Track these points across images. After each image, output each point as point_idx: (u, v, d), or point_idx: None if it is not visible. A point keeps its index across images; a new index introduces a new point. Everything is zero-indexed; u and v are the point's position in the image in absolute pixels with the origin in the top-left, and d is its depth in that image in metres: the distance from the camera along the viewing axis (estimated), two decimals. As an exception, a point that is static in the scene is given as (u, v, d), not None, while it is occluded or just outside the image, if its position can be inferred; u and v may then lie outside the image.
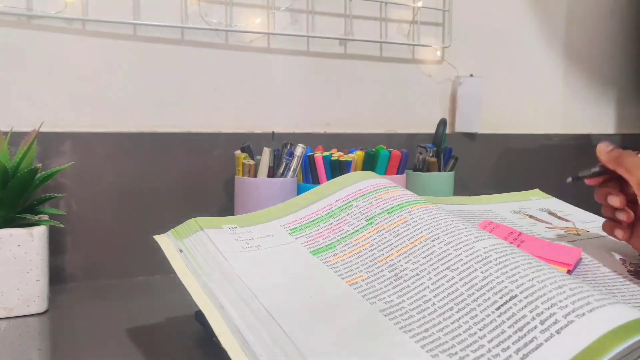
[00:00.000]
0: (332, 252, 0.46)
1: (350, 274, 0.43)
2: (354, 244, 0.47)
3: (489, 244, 0.41)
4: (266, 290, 0.40)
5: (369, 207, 0.51)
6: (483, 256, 0.40)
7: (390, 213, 0.49)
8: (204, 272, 0.43)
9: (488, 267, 0.39)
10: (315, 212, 0.52)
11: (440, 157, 0.83)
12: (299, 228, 0.50)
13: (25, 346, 0.49)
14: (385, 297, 0.39)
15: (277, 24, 0.82)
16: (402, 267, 0.42)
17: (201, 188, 0.76)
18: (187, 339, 0.51)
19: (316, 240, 0.48)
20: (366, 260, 0.44)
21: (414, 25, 0.92)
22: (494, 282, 0.37)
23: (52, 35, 0.70)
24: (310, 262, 0.45)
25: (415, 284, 0.40)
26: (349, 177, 0.56)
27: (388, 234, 0.46)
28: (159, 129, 0.75)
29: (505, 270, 0.38)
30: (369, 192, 0.53)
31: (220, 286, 0.41)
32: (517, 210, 0.62)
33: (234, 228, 0.50)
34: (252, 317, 0.37)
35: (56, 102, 0.70)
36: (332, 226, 0.50)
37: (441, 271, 0.40)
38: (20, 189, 0.57)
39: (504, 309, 0.35)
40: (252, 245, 0.47)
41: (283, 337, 0.35)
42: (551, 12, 1.06)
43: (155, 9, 0.74)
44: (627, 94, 1.16)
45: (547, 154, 1.05)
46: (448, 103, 0.97)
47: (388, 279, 0.41)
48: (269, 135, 0.78)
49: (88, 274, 0.70)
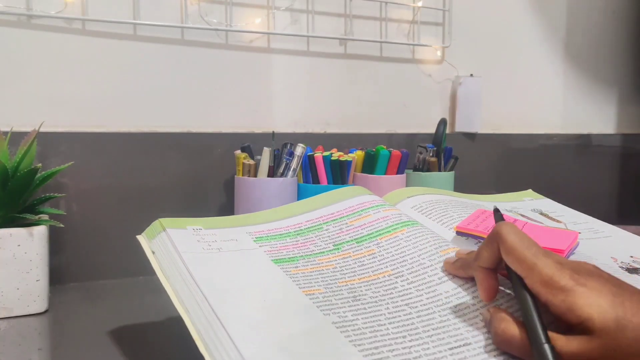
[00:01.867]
0: (293, 264, 0.46)
1: (309, 286, 0.42)
2: (317, 263, 0.46)
3: (451, 287, 0.41)
4: (218, 293, 0.40)
5: (339, 232, 0.50)
6: (444, 301, 0.40)
7: (359, 243, 0.48)
8: (170, 273, 0.43)
9: (447, 312, 0.39)
10: (284, 227, 0.52)
11: (441, 157, 0.83)
12: (265, 238, 0.50)
13: (25, 346, 0.49)
14: (339, 312, 0.39)
15: (277, 24, 0.82)
16: (362, 292, 0.42)
17: (201, 188, 0.76)
18: (187, 339, 0.51)
19: (280, 251, 0.48)
20: (327, 278, 0.44)
21: (414, 25, 0.92)
22: (450, 327, 0.37)
23: (52, 35, 0.70)
24: (269, 269, 0.45)
25: (373, 309, 0.40)
26: (322, 197, 0.56)
27: (353, 262, 0.46)
28: (159, 129, 0.75)
29: (464, 319, 0.38)
30: (340, 217, 0.52)
31: (180, 288, 0.41)
32: (510, 210, 0.63)
33: (197, 229, 0.49)
34: (203, 319, 0.37)
35: (56, 102, 0.70)
36: (298, 243, 0.49)
37: (400, 306, 0.40)
38: (20, 189, 0.57)
39: (457, 351, 0.35)
40: (214, 248, 0.47)
41: (228, 342, 0.35)
42: (551, 12, 1.06)
43: (155, 8, 0.74)
44: (627, 94, 1.16)
45: (547, 154, 1.05)
46: (448, 103, 0.97)
47: (346, 298, 0.41)
48: (269, 135, 0.78)
49: (88, 274, 0.70)
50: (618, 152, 1.12)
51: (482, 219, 0.53)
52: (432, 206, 0.57)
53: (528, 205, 0.66)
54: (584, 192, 1.08)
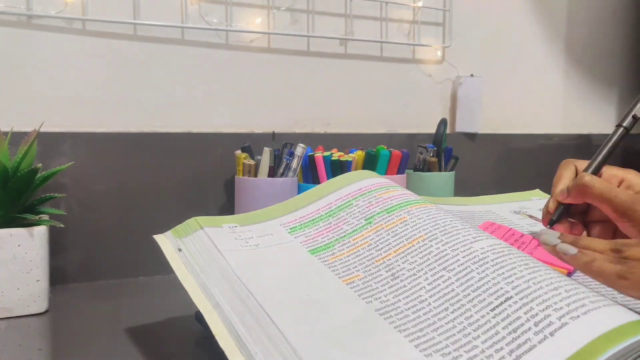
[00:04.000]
0: (330, 251, 0.46)
1: (348, 273, 0.43)
2: (352, 244, 0.47)
3: (486, 244, 0.41)
4: (262, 288, 0.41)
5: (369, 206, 0.51)
6: (480, 257, 0.40)
7: (390, 213, 0.49)
8: (203, 270, 0.43)
9: (484, 268, 0.39)
10: (315, 212, 0.52)
11: (441, 157, 0.83)
12: (299, 227, 0.50)
13: (26, 346, 0.49)
14: (381, 297, 0.39)
15: (277, 24, 0.82)
16: (400, 267, 0.42)
17: (201, 188, 0.76)
18: (187, 339, 0.51)
19: (315, 239, 0.48)
20: (364, 259, 0.44)
21: (414, 25, 0.92)
22: (489, 284, 0.37)
23: (52, 35, 0.70)
24: (308, 261, 0.45)
25: (412, 284, 0.40)
26: (349, 176, 0.56)
27: (386, 233, 0.46)
28: (159, 129, 0.75)
29: (501, 271, 0.38)
30: (369, 191, 0.53)
31: (217, 284, 0.41)
32: (518, 211, 0.62)
33: (233, 227, 0.50)
34: (247, 315, 0.38)
35: (56, 102, 0.70)
36: (331, 225, 0.50)
37: (438, 271, 0.40)
38: (21, 189, 0.57)
39: (499, 310, 0.35)
40: (251, 244, 0.47)
41: (277, 335, 0.35)
42: (551, 12, 1.06)
43: (155, 8, 0.74)
44: (628, 94, 1.16)
45: (548, 154, 1.05)
46: (448, 103, 0.97)
47: (385, 279, 0.41)
48: (269, 135, 0.78)
49: (88, 274, 0.70)
50: (618, 152, 1.12)
51: (490, 230, 0.53)
52: None
53: (536, 205, 0.66)
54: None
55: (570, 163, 0.51)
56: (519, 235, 0.53)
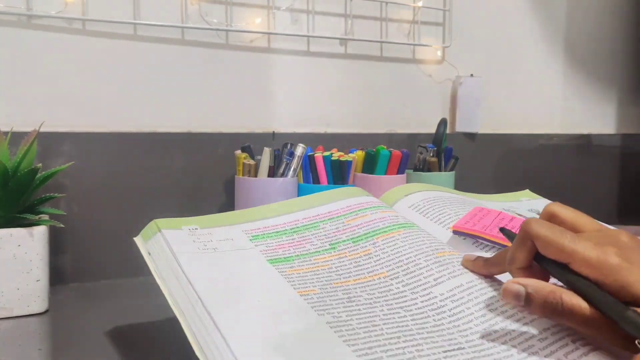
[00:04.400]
0: (289, 265, 0.45)
1: (304, 287, 0.42)
2: (313, 263, 0.46)
3: (447, 288, 0.41)
4: (212, 292, 0.40)
5: (335, 232, 0.50)
6: (438, 304, 0.40)
7: (355, 242, 0.48)
8: (166, 274, 0.43)
9: (441, 317, 0.39)
10: (281, 225, 0.51)
11: (441, 157, 0.83)
12: (261, 236, 0.50)
13: (26, 346, 0.49)
14: (334, 312, 0.39)
15: (278, 24, 0.82)
16: (357, 294, 0.42)
17: (201, 188, 0.76)
18: (187, 339, 0.51)
19: (276, 250, 0.47)
20: (322, 279, 0.44)
21: (414, 25, 0.92)
22: (444, 332, 0.37)
23: (52, 35, 0.70)
24: (264, 269, 0.45)
25: (367, 310, 0.40)
26: (321, 196, 0.55)
27: (349, 262, 0.46)
28: (159, 129, 0.75)
29: (457, 323, 0.38)
30: (337, 216, 0.52)
31: (175, 290, 0.41)
32: (507, 209, 0.63)
33: (194, 229, 0.49)
34: (197, 320, 0.37)
35: (56, 102, 0.70)
36: (294, 241, 0.49)
37: (394, 308, 0.40)
38: (21, 189, 0.57)
39: (451, 354, 0.35)
40: (209, 248, 0.46)
41: (222, 343, 0.35)
42: (551, 12, 1.06)
43: (155, 9, 0.74)
44: (628, 94, 1.16)
45: (548, 154, 1.05)
46: (448, 103, 0.97)
47: (340, 299, 0.41)
48: (269, 135, 0.78)
49: (88, 274, 0.70)
50: (618, 153, 1.12)
51: (479, 218, 0.53)
52: (429, 204, 0.57)
53: (525, 206, 0.66)
54: (584, 192, 1.08)
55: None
56: (509, 219, 0.53)
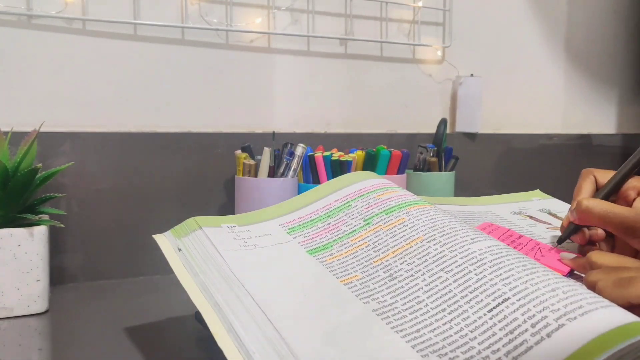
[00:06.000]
0: (328, 252, 0.46)
1: (345, 274, 0.43)
2: (351, 244, 0.47)
3: (484, 245, 0.41)
4: (260, 288, 0.41)
5: (367, 207, 0.51)
6: (478, 258, 0.40)
7: (388, 214, 0.49)
8: (201, 270, 0.43)
9: (482, 269, 0.39)
10: (314, 212, 0.52)
11: (441, 157, 0.83)
12: (297, 227, 0.50)
13: (26, 346, 0.49)
14: (378, 297, 0.39)
15: (278, 24, 0.82)
16: (397, 267, 0.42)
17: (201, 188, 0.76)
18: (187, 338, 0.51)
19: (313, 239, 0.48)
20: (362, 260, 0.44)
21: (414, 25, 0.92)
22: (487, 285, 0.37)
23: (52, 35, 0.70)
24: (306, 261, 0.45)
25: (409, 285, 0.40)
26: (349, 177, 0.56)
27: (385, 234, 0.46)
28: (159, 129, 0.75)
29: (499, 272, 0.38)
30: (367, 193, 0.53)
31: (216, 284, 0.42)
32: (518, 211, 0.62)
33: (232, 227, 0.50)
34: (245, 315, 0.38)
35: (56, 102, 0.70)
36: (330, 226, 0.50)
37: (435, 272, 0.40)
38: (21, 189, 0.57)
39: (496, 311, 0.35)
40: (250, 244, 0.47)
41: (274, 335, 0.35)
42: (551, 12, 1.06)
43: (155, 8, 0.74)
44: (628, 94, 1.16)
45: (548, 154, 1.05)
46: (448, 103, 0.97)
47: (382, 279, 0.41)
48: (269, 135, 0.78)
49: (88, 274, 0.70)
50: (618, 152, 1.12)
51: (487, 230, 0.53)
52: None
53: (536, 205, 0.66)
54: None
55: (590, 173, 0.52)
56: (517, 236, 0.53)
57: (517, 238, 0.52)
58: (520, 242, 0.52)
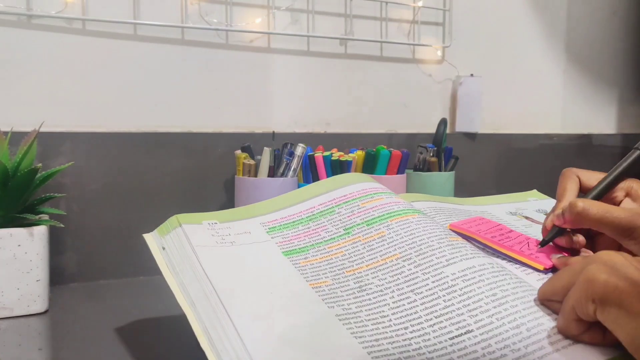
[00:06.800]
0: (303, 255, 0.46)
1: (316, 278, 0.43)
2: (327, 251, 0.47)
3: (458, 268, 0.41)
4: (227, 285, 0.41)
5: (350, 215, 0.50)
6: (449, 284, 0.40)
7: (369, 225, 0.49)
8: (180, 268, 0.44)
9: (451, 297, 0.39)
10: (297, 214, 0.52)
11: (441, 156, 0.83)
12: (278, 227, 0.50)
13: (26, 346, 0.49)
14: (344, 304, 0.40)
15: (278, 24, 0.82)
16: (369, 281, 0.42)
17: (201, 188, 0.76)
18: (186, 338, 0.51)
19: (291, 241, 0.48)
20: (335, 268, 0.44)
21: (414, 24, 0.92)
22: (453, 313, 0.37)
23: (52, 35, 0.70)
24: (278, 262, 0.45)
25: (377, 299, 0.40)
26: (336, 180, 0.56)
27: (362, 247, 0.46)
28: (159, 129, 0.75)
29: (467, 302, 0.38)
30: (353, 199, 0.52)
31: (191, 282, 0.42)
32: (514, 212, 0.62)
33: (213, 224, 0.50)
34: (211, 312, 0.38)
35: (56, 102, 0.70)
36: (310, 230, 0.50)
37: (405, 292, 0.40)
38: (21, 189, 0.57)
39: (458, 340, 0.35)
40: (227, 241, 0.47)
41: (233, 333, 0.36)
42: (551, 12, 1.06)
43: (155, 8, 0.74)
44: (628, 94, 1.16)
45: (548, 153, 1.05)
46: (448, 103, 0.97)
47: (352, 289, 0.42)
48: (269, 135, 0.78)
49: (88, 273, 0.70)
50: (618, 152, 1.12)
51: (477, 223, 0.52)
52: (435, 212, 0.57)
53: (533, 206, 0.65)
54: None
55: (573, 173, 0.50)
56: (507, 231, 0.53)
57: (507, 232, 0.52)
58: (509, 236, 0.51)
